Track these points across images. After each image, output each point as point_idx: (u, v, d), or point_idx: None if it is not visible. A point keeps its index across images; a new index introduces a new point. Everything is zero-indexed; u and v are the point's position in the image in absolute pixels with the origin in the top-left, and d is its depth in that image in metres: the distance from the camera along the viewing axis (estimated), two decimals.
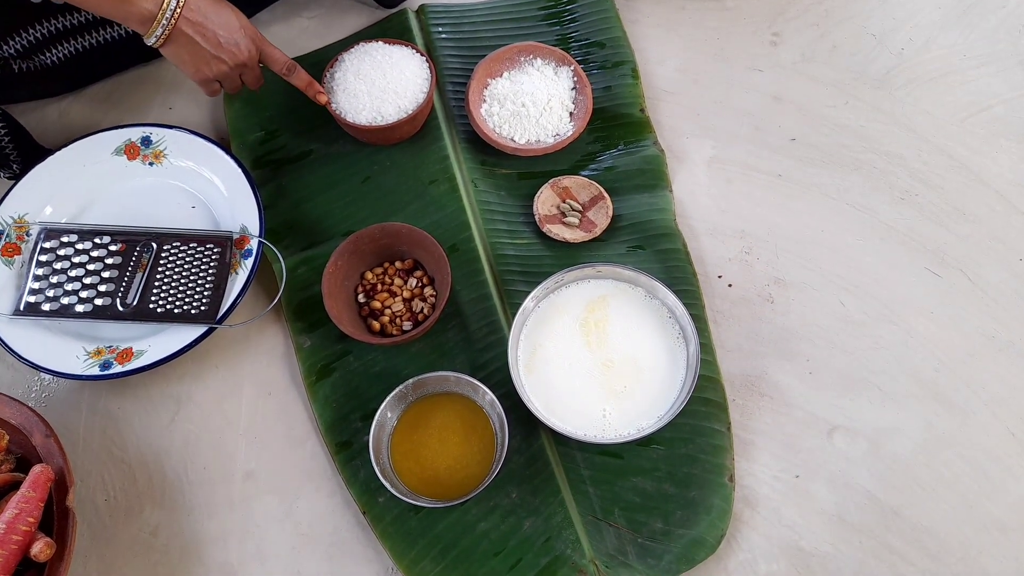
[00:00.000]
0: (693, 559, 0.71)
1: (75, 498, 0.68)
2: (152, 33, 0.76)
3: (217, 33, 0.79)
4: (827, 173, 0.91)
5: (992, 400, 0.78)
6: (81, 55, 0.94)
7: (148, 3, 0.75)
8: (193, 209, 0.89)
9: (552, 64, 0.95)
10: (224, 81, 0.84)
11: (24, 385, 0.83)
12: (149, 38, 0.77)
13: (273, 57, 0.85)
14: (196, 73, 0.82)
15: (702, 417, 0.77)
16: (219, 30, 0.79)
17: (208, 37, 0.78)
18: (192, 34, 0.78)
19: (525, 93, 0.90)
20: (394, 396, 0.75)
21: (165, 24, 0.76)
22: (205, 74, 0.82)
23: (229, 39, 0.80)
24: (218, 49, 0.79)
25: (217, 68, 0.81)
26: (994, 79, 0.97)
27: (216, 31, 0.79)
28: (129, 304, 0.82)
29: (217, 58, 0.80)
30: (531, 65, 0.94)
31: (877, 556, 0.72)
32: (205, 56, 0.80)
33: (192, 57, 0.80)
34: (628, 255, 0.85)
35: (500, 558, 0.72)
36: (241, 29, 0.81)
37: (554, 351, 0.76)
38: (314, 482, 0.78)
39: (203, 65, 0.81)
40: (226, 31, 0.79)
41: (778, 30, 1.02)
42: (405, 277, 0.84)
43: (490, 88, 0.94)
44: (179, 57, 0.80)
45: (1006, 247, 0.86)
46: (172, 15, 0.76)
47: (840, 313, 0.83)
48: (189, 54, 0.79)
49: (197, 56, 0.79)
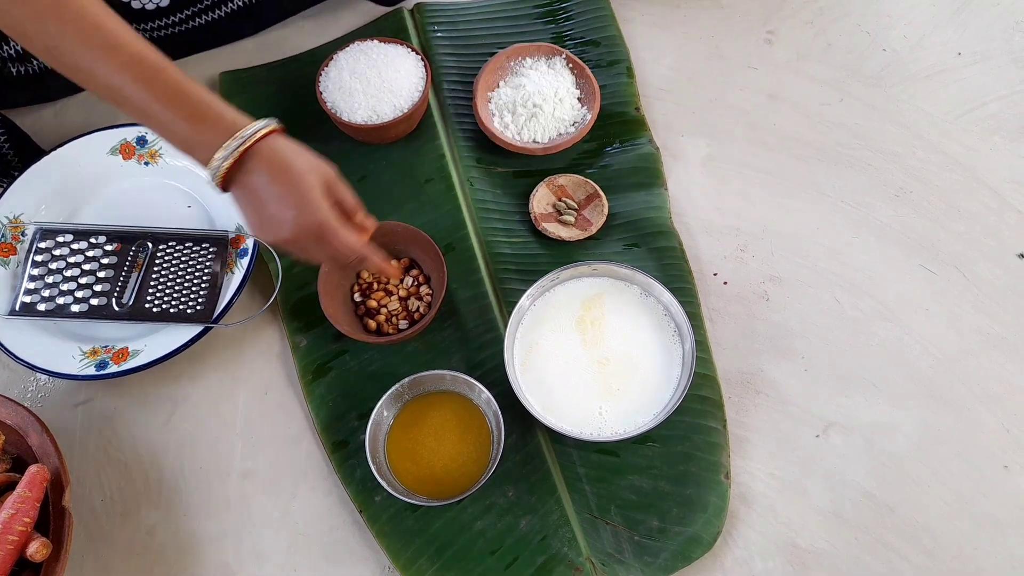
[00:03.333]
0: (689, 557, 0.71)
1: (71, 498, 0.68)
2: (211, 166, 0.64)
3: (281, 194, 0.65)
4: (822, 171, 0.91)
5: (987, 396, 0.78)
6: None
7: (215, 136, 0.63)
8: (189, 208, 0.89)
9: (543, 59, 0.95)
10: (292, 251, 0.69)
11: (20, 385, 0.83)
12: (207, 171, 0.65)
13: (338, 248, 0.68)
14: (252, 228, 0.68)
15: (698, 415, 0.77)
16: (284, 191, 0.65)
17: (271, 193, 0.65)
18: (255, 183, 0.65)
19: (531, 94, 0.90)
20: (390, 395, 0.75)
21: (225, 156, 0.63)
22: (259, 234, 0.68)
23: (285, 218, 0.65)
24: (279, 210, 0.65)
25: (274, 233, 0.66)
26: (988, 76, 0.97)
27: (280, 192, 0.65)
28: (125, 304, 0.82)
29: (275, 220, 0.65)
30: (523, 66, 0.95)
31: (873, 552, 0.72)
32: (264, 215, 0.66)
33: (248, 210, 0.67)
34: (624, 253, 0.86)
35: (496, 556, 0.72)
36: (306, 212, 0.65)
37: (550, 349, 0.77)
38: (310, 481, 0.78)
39: (258, 223, 0.67)
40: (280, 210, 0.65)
41: (773, 28, 1.02)
42: (401, 276, 0.84)
43: (494, 101, 0.94)
44: (238, 203, 0.67)
45: (1000, 244, 0.86)
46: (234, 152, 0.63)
47: (835, 310, 0.83)
48: (246, 205, 0.67)
49: (255, 211, 0.66)
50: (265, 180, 0.64)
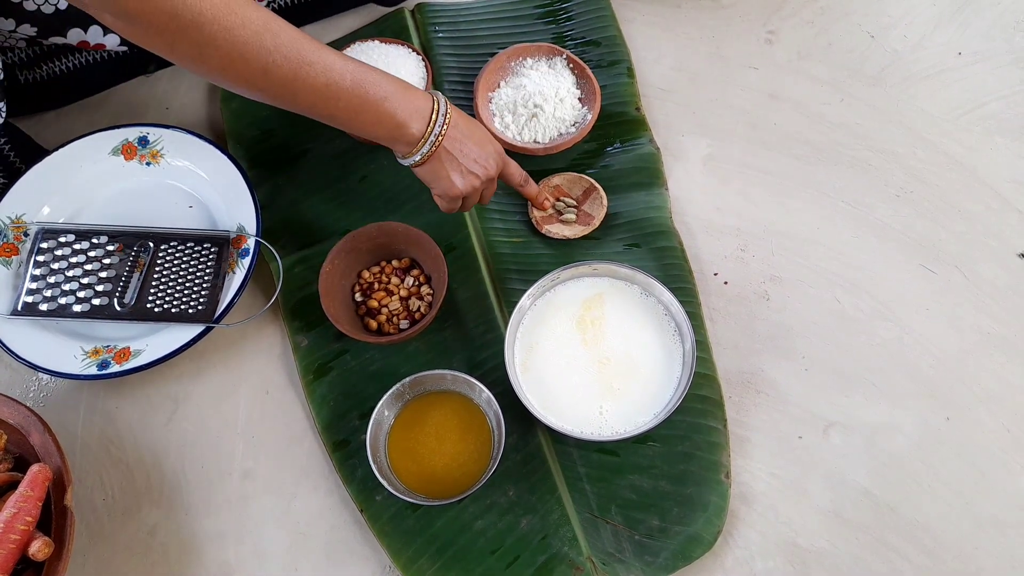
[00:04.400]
0: (690, 556, 0.71)
1: (73, 497, 0.68)
2: (417, 152, 0.74)
3: (473, 151, 0.76)
4: (822, 170, 0.91)
5: (987, 396, 0.78)
6: (85, 68, 0.94)
7: (415, 126, 0.72)
8: (190, 209, 0.89)
9: (544, 59, 0.95)
10: (469, 197, 0.80)
11: (22, 385, 0.83)
12: (409, 158, 0.75)
13: (511, 171, 0.82)
14: (450, 189, 0.77)
15: (698, 414, 0.77)
16: (475, 146, 0.76)
17: (466, 153, 0.76)
18: (453, 152, 0.75)
19: (531, 94, 0.90)
20: (391, 395, 0.75)
21: (431, 144, 0.73)
22: (458, 190, 0.77)
23: (482, 154, 0.77)
24: (473, 166, 0.76)
25: (470, 184, 0.77)
26: (989, 76, 0.97)
27: (472, 147, 0.76)
28: (127, 304, 0.82)
29: (472, 173, 0.77)
30: (523, 66, 0.95)
31: (873, 552, 0.72)
32: (462, 171, 0.76)
33: (451, 173, 0.76)
34: (624, 253, 0.86)
35: (497, 556, 0.72)
36: (491, 144, 0.79)
37: (550, 349, 0.77)
38: (311, 481, 0.78)
39: (459, 180, 0.76)
40: (480, 146, 0.77)
41: (773, 28, 1.02)
42: (402, 276, 0.84)
43: (495, 101, 0.94)
44: (435, 173, 0.76)
45: (1001, 244, 0.86)
46: (437, 137, 0.73)
47: (836, 310, 0.83)
48: (448, 171, 0.76)
49: (456, 172, 0.76)
50: (460, 140, 0.75)
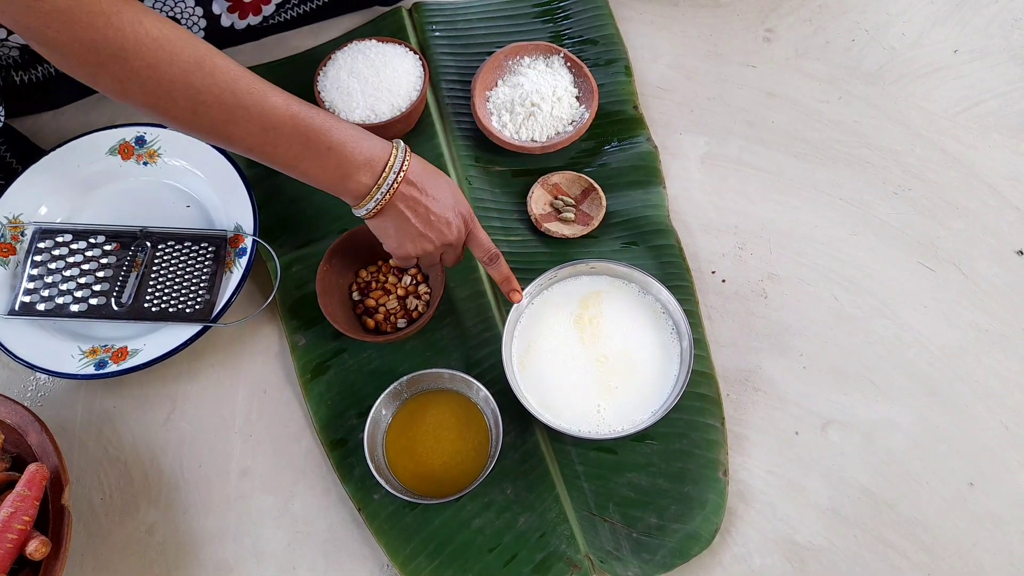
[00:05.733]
0: (687, 553, 0.71)
1: (70, 496, 0.68)
2: (362, 206, 0.70)
3: (429, 210, 0.71)
4: (820, 168, 0.91)
5: (985, 393, 0.78)
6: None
7: (363, 178, 0.68)
8: (187, 208, 0.89)
9: (541, 58, 0.95)
10: (423, 259, 0.77)
11: (20, 384, 0.83)
12: (358, 210, 0.71)
13: (479, 241, 0.76)
14: (397, 249, 0.74)
15: (696, 412, 0.77)
16: (432, 207, 0.71)
17: (420, 213, 0.70)
18: (404, 209, 0.70)
19: (529, 93, 0.90)
20: (389, 393, 0.75)
21: (379, 199, 0.69)
22: (407, 251, 0.73)
23: (441, 218, 0.71)
24: (427, 227, 0.71)
25: (421, 246, 0.73)
26: (987, 74, 0.97)
27: (429, 207, 0.71)
28: (124, 303, 0.82)
29: (424, 236, 0.72)
30: (521, 65, 0.95)
31: (871, 549, 0.72)
32: (412, 233, 0.72)
33: (397, 233, 0.72)
34: (622, 251, 0.86)
35: (495, 554, 0.72)
36: (454, 208, 0.73)
37: (548, 347, 0.77)
38: (309, 480, 0.78)
39: (407, 242, 0.72)
40: (439, 209, 0.71)
41: (771, 26, 1.02)
42: (399, 275, 0.84)
43: (492, 100, 0.94)
44: (383, 231, 0.73)
45: (999, 241, 0.86)
46: (386, 193, 0.69)
47: (834, 308, 0.83)
48: (395, 229, 0.72)
49: (403, 232, 0.72)
50: (414, 198, 0.70)
